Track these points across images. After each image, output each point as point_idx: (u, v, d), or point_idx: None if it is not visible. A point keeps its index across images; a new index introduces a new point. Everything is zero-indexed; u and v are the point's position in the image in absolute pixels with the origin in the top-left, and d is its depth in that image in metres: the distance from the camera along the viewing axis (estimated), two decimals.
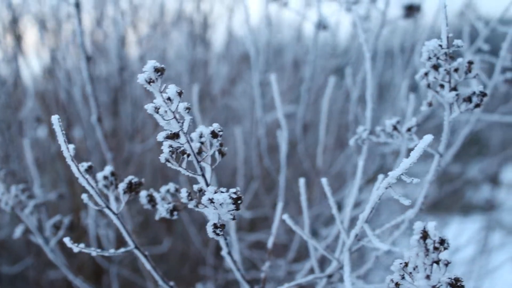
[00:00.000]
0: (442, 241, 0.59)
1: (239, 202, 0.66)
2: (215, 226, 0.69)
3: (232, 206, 0.66)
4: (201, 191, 0.72)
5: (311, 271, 0.99)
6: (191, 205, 0.72)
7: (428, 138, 0.58)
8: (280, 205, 0.91)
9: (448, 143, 1.59)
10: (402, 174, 0.65)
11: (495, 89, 1.15)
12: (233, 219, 0.68)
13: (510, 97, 1.88)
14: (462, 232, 3.05)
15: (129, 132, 1.82)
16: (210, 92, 2.27)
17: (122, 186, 0.79)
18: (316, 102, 2.02)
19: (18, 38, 1.88)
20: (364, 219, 0.74)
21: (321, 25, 1.22)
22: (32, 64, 2.06)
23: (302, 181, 0.90)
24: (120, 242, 1.40)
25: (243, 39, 3.20)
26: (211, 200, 0.66)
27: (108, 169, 0.83)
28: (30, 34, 2.08)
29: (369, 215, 0.74)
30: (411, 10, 1.17)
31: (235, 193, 0.66)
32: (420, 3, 1.21)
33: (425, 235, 0.59)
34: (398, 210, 2.25)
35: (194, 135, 0.73)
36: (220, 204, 0.66)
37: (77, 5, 1.08)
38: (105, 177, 0.83)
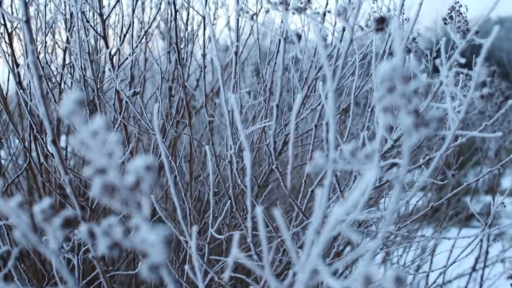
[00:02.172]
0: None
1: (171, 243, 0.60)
2: (151, 266, 0.63)
3: (164, 249, 0.60)
4: (137, 229, 0.66)
5: None
6: (126, 243, 0.66)
7: (371, 175, 0.53)
8: (236, 236, 0.85)
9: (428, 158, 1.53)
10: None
11: (471, 106, 1.09)
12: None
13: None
14: (461, 242, 3.02)
15: None
16: (190, 105, 2.22)
17: (57, 221, 0.73)
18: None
19: None
20: (316, 255, 0.69)
21: (288, 39, 1.16)
22: None
23: (277, 213, 0.84)
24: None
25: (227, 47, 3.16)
26: (143, 240, 0.61)
27: (46, 202, 0.77)
28: None
29: (324, 251, 0.68)
30: (382, 23, 1.12)
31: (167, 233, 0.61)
32: (390, 16, 1.17)
33: None
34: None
35: (131, 166, 0.67)
36: (153, 245, 0.60)
37: (27, 22, 1.02)
38: (43, 211, 0.77)
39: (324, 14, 1.18)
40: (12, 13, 2.08)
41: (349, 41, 1.07)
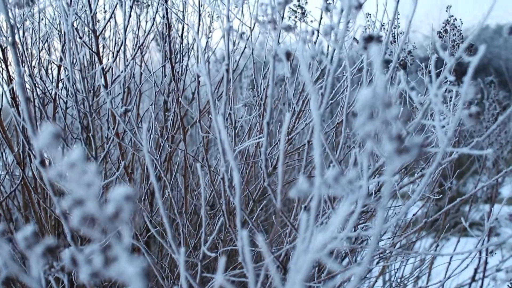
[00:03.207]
0: None
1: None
2: None
3: (142, 282, 0.59)
4: (116, 259, 0.66)
5: None
6: (106, 273, 0.65)
7: (345, 208, 0.52)
8: (222, 260, 0.84)
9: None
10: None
11: (460, 125, 1.09)
12: None
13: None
14: (460, 251, 3.00)
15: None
16: (187, 117, 2.22)
17: (38, 250, 0.73)
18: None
19: None
20: (300, 283, 0.68)
21: (277, 57, 1.16)
22: None
23: (261, 239, 0.84)
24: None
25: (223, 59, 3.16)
26: (122, 272, 0.60)
27: (29, 229, 0.77)
28: None
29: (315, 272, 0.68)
30: (370, 41, 1.11)
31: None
32: (379, 34, 1.16)
33: None
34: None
35: (113, 196, 0.67)
36: (131, 277, 0.60)
37: (14, 45, 1.02)
38: (26, 239, 0.77)
39: (313, 33, 1.18)
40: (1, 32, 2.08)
41: (337, 61, 1.06)
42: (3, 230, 0.74)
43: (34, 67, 2.15)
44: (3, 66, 1.98)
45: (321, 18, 2.02)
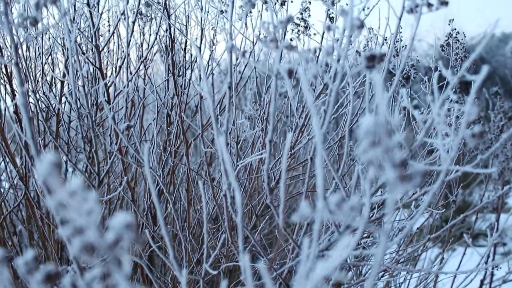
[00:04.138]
0: None
1: None
2: None
3: None
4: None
5: None
6: None
7: (345, 242, 0.52)
8: (224, 283, 0.83)
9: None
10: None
11: (463, 145, 1.09)
12: None
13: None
14: (467, 263, 2.98)
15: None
16: (191, 130, 2.22)
17: (38, 276, 0.73)
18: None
19: None
20: None
21: (279, 75, 1.16)
22: None
23: (262, 268, 0.83)
24: None
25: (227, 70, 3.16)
26: None
27: (29, 254, 0.76)
28: None
29: None
30: (372, 61, 1.11)
31: None
32: (382, 52, 1.16)
33: None
34: None
35: (113, 224, 0.66)
36: None
37: (17, 65, 1.02)
38: (26, 263, 0.76)
39: (315, 52, 1.18)
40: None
41: (339, 81, 1.06)
42: (4, 255, 0.74)
43: (38, 81, 2.15)
44: (6, 81, 1.99)
45: (323, 32, 2.01)
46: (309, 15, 2.22)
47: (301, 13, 2.22)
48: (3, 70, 2.00)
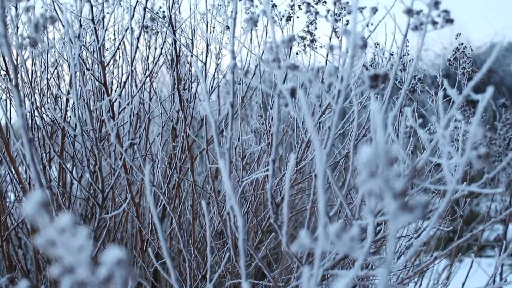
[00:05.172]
0: None
1: None
2: None
3: None
4: None
5: None
6: None
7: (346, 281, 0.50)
8: None
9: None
10: None
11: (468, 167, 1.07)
12: None
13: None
14: (474, 273, 2.94)
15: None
16: (195, 144, 2.21)
17: None
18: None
19: None
20: None
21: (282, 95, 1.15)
22: None
23: None
24: None
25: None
26: None
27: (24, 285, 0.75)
28: None
29: None
30: (376, 80, 1.09)
31: None
32: (386, 72, 1.14)
33: None
34: None
35: (105, 259, 0.65)
36: None
37: (17, 86, 1.02)
38: None
39: (318, 71, 1.16)
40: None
41: (342, 101, 1.05)
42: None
43: (43, 95, 2.15)
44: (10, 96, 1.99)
45: (327, 56, 2.00)
46: (315, 28, 2.21)
47: (307, 26, 2.20)
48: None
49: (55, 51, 2.22)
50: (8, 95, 2.20)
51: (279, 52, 1.11)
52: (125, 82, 1.68)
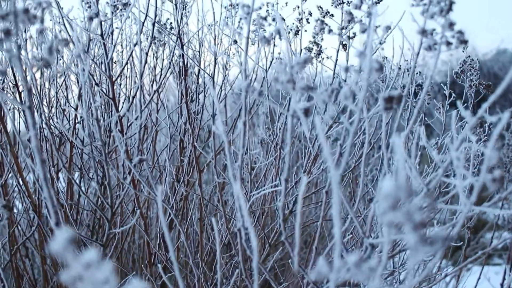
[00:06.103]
0: None
1: None
2: None
3: None
4: None
5: None
6: None
7: None
8: None
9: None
10: None
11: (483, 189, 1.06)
12: None
13: None
14: (481, 282, 2.93)
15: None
16: (203, 155, 2.21)
17: None
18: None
19: None
20: None
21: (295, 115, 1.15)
22: None
23: None
24: None
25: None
26: None
27: None
28: None
29: None
30: (391, 102, 1.09)
31: None
32: (400, 94, 1.14)
33: None
34: None
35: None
36: None
37: (30, 108, 1.02)
38: None
39: (332, 92, 1.17)
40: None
41: (357, 123, 1.05)
42: None
43: (52, 106, 2.16)
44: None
45: (333, 77, 2.01)
46: (322, 39, 2.21)
47: (314, 37, 2.20)
48: (17, 96, 2.00)
49: (63, 63, 2.22)
50: (16, 107, 2.21)
51: (293, 73, 1.11)
52: (133, 97, 1.68)
